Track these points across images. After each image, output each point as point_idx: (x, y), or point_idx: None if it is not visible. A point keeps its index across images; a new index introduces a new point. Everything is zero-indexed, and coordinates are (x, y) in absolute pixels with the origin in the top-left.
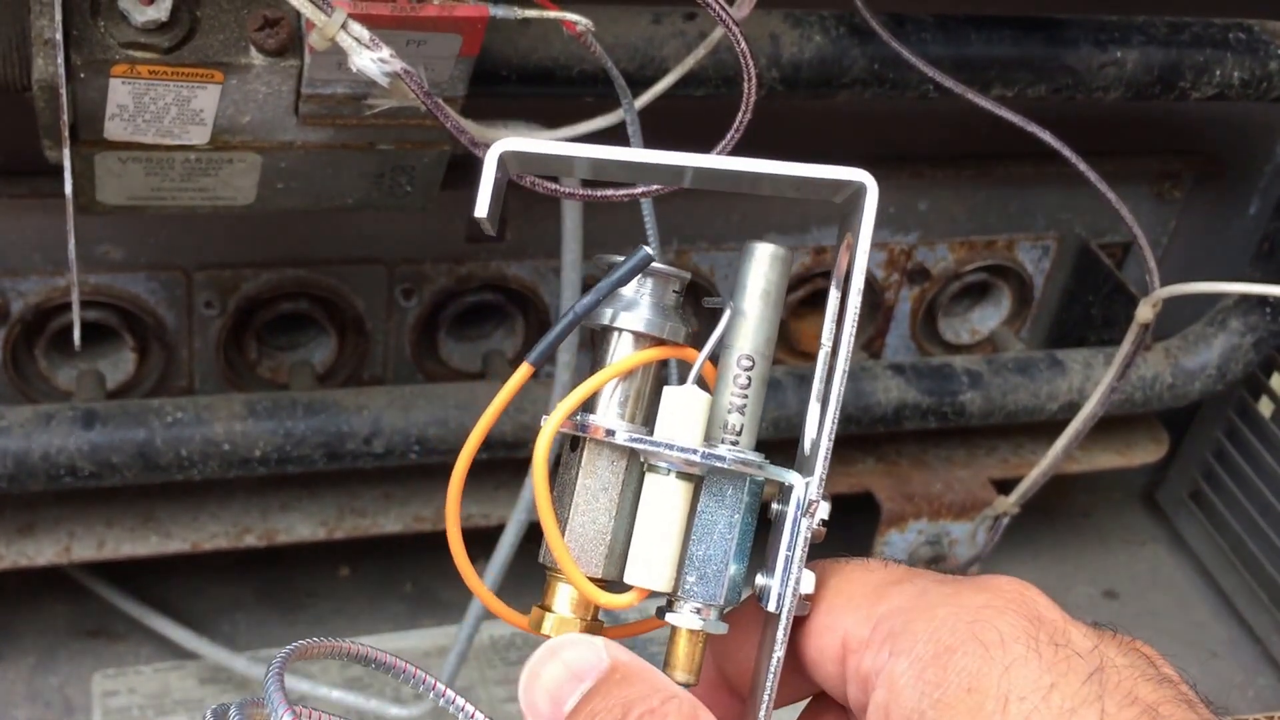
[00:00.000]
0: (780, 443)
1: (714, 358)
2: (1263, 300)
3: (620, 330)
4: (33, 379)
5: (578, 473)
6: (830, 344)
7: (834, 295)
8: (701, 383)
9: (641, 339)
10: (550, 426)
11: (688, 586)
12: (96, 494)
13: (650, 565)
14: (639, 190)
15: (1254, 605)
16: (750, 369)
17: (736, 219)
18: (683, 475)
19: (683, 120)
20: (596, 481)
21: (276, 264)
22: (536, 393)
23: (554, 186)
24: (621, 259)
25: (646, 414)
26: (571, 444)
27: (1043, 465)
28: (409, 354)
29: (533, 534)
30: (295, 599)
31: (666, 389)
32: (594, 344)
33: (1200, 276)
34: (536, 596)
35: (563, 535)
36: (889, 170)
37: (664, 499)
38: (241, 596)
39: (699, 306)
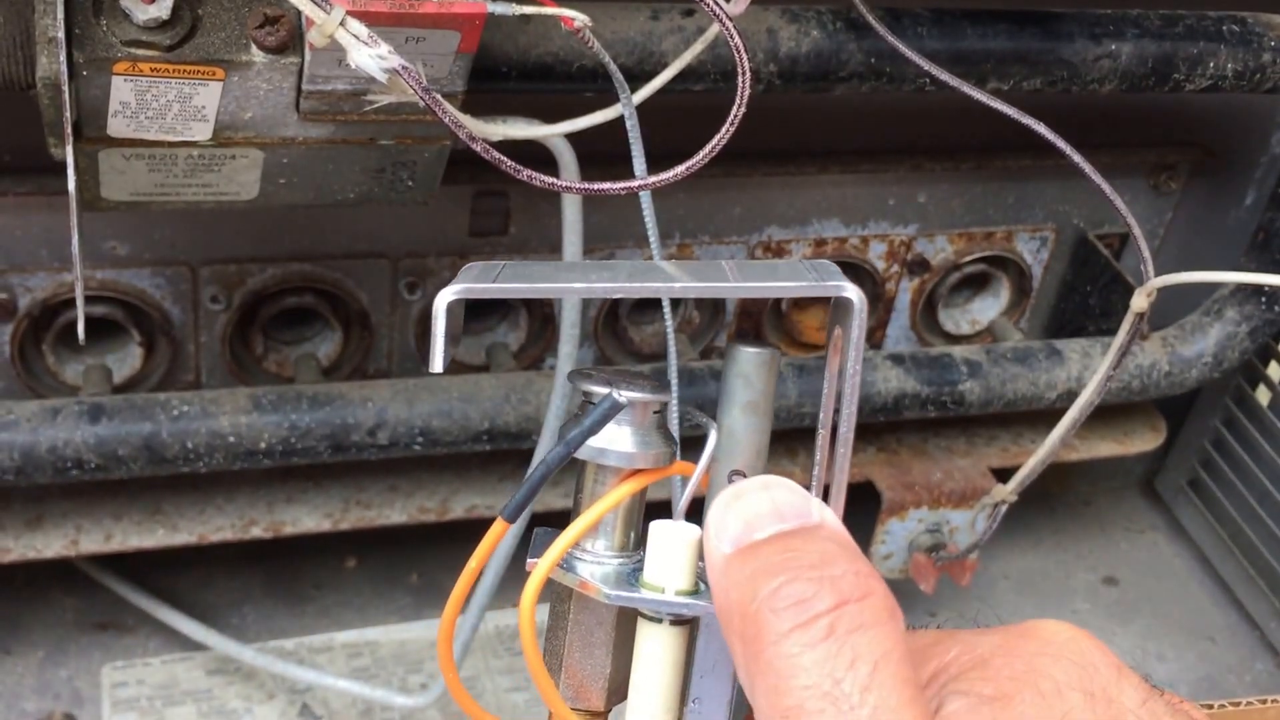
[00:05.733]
0: (782, 433)
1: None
2: (1258, 289)
3: (601, 465)
4: (40, 374)
5: (571, 607)
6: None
7: (827, 393)
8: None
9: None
10: (535, 580)
11: (693, 716)
12: (103, 487)
13: (652, 716)
14: (635, 184)
15: (1252, 592)
16: None
17: (738, 212)
18: (676, 621)
19: (682, 114)
20: (591, 617)
21: (281, 259)
22: (540, 384)
23: (550, 180)
24: (598, 390)
25: (640, 534)
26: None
27: (1040, 453)
28: (414, 347)
29: (535, 523)
30: (302, 590)
31: (653, 525)
32: (578, 472)
33: (1197, 267)
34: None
35: (561, 671)
36: (888, 163)
37: (658, 647)
38: (249, 588)
39: (701, 301)
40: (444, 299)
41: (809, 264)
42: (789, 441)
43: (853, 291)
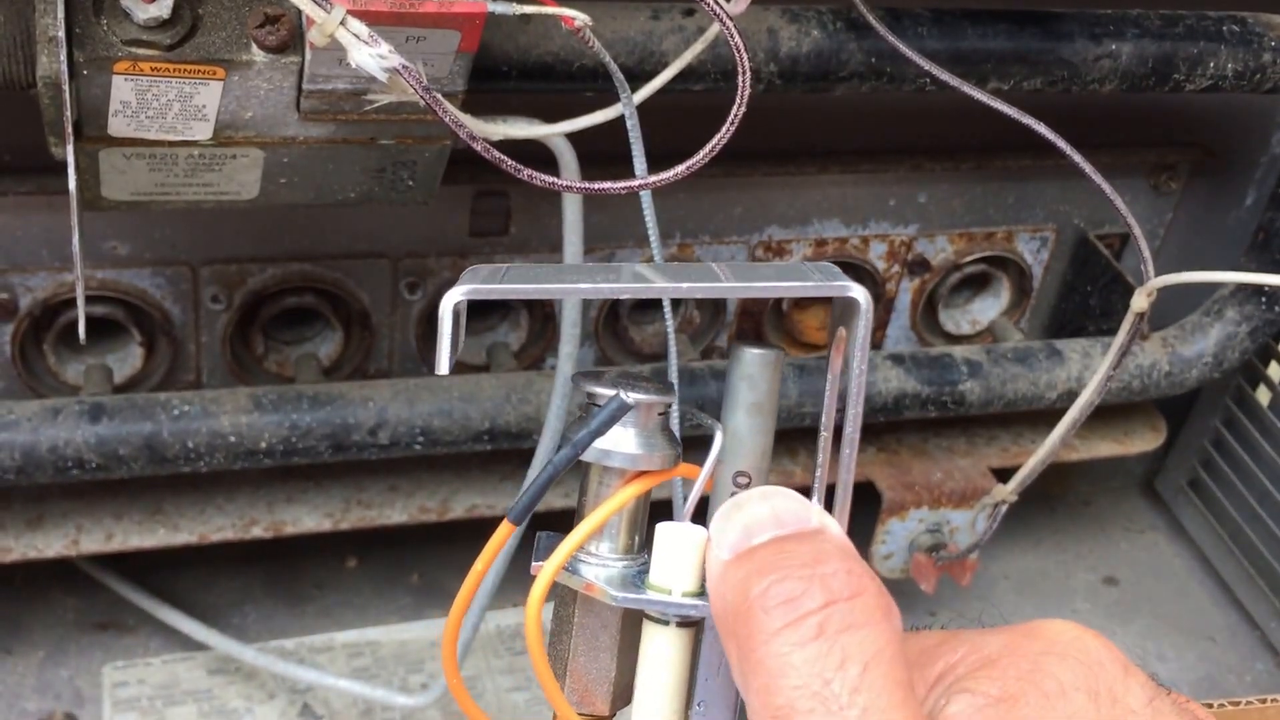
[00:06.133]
0: (781, 433)
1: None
2: (1258, 289)
3: (606, 467)
4: (41, 374)
5: (575, 610)
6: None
7: (829, 393)
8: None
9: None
10: (540, 585)
11: (699, 717)
12: (104, 487)
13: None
14: (636, 183)
15: (1252, 592)
16: (747, 485)
17: (739, 212)
18: (683, 622)
19: (683, 114)
20: (596, 620)
21: (281, 259)
22: (541, 384)
23: (551, 180)
24: (603, 392)
25: (645, 536)
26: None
27: (1040, 453)
28: (414, 347)
29: (537, 524)
30: (303, 590)
31: (659, 527)
32: (581, 474)
33: (1198, 267)
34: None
35: (565, 675)
36: (888, 163)
37: (664, 650)
38: (249, 588)
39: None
40: (450, 301)
41: (812, 265)
42: (789, 441)
43: (859, 292)
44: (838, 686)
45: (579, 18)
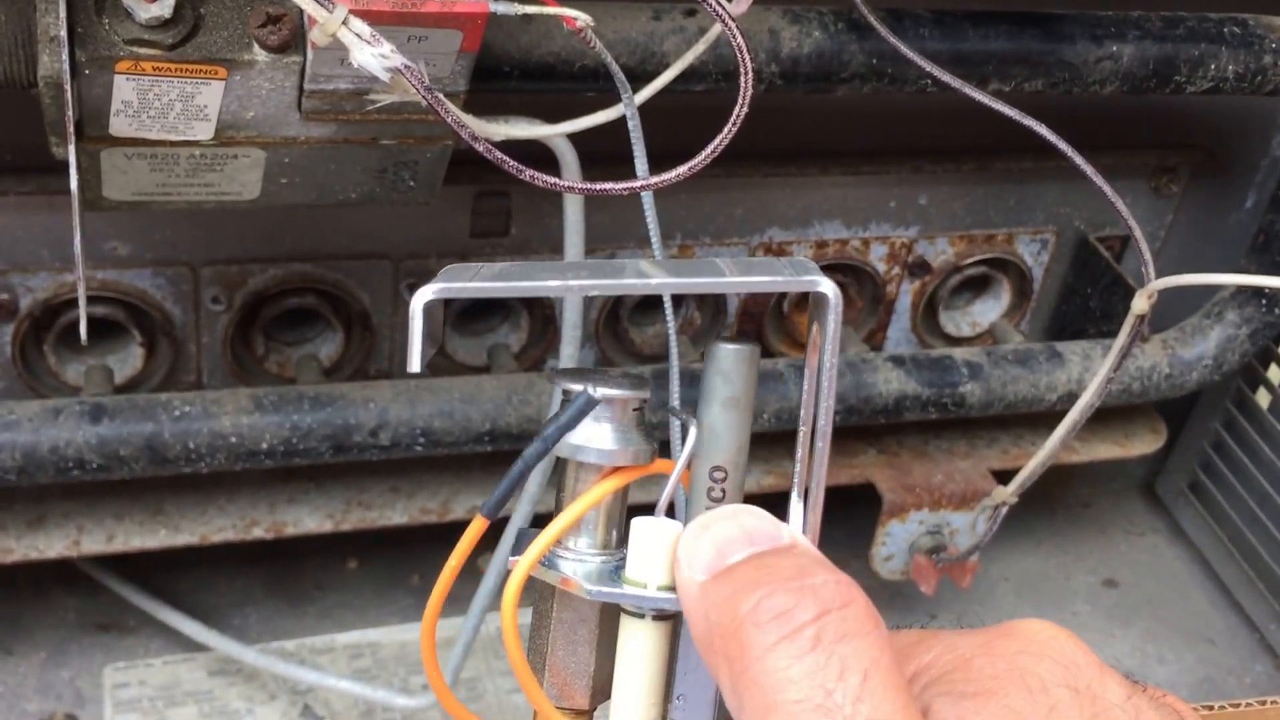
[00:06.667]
0: (782, 434)
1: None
2: (1258, 292)
3: (582, 463)
4: (42, 374)
5: (554, 605)
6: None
7: (807, 390)
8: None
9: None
10: (516, 578)
11: (677, 712)
12: (105, 487)
13: (635, 715)
14: (638, 184)
15: (1252, 594)
16: (723, 480)
17: (740, 213)
18: (659, 616)
19: (684, 115)
20: (574, 614)
21: (282, 259)
22: (541, 385)
23: (552, 180)
24: (574, 387)
25: (622, 532)
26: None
27: (1040, 455)
28: None
29: (538, 524)
30: (304, 591)
31: (635, 522)
32: (558, 472)
33: (1198, 269)
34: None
35: (545, 669)
36: (889, 164)
37: (641, 644)
38: (250, 589)
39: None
40: (421, 299)
41: (786, 261)
42: (790, 443)
43: (828, 286)
44: (840, 696)
45: (580, 18)
